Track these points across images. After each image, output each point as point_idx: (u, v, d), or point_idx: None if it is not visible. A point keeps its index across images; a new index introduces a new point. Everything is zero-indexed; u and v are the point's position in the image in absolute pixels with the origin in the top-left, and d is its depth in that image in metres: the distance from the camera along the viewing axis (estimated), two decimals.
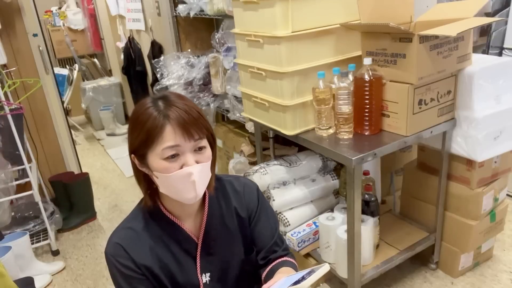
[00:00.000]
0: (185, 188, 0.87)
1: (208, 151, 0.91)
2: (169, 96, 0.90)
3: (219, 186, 1.05)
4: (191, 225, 1.00)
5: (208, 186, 0.96)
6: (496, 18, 2.38)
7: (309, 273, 0.83)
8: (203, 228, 0.99)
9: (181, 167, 0.86)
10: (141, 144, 0.86)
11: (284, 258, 1.08)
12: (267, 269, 1.06)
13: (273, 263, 1.07)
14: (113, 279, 0.99)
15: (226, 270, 1.02)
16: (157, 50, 3.61)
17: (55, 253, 2.63)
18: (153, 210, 0.99)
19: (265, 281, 1.00)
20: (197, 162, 0.87)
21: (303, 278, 0.83)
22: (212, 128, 0.92)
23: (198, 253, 0.99)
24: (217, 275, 1.01)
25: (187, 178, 0.86)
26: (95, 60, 5.70)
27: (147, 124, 0.84)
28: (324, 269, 0.83)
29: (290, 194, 2.00)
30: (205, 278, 0.99)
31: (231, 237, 1.04)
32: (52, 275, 2.43)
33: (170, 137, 0.84)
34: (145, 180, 0.95)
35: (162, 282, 0.98)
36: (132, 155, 0.91)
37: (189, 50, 3.18)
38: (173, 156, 0.85)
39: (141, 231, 0.98)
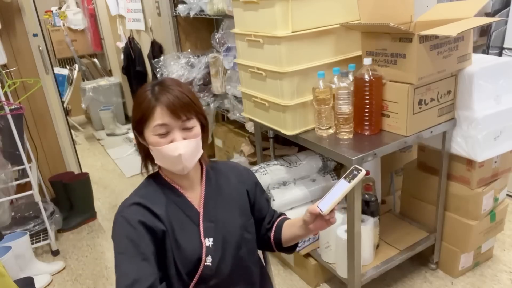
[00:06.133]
0: (173, 160, 1.02)
1: (196, 130, 1.05)
2: (166, 81, 1.05)
3: (216, 165, 1.21)
4: (192, 195, 1.12)
5: (202, 160, 1.14)
6: (496, 18, 2.38)
7: (351, 177, 1.00)
8: (202, 197, 1.12)
9: (171, 142, 1.02)
10: (138, 121, 1.04)
11: (282, 217, 1.26)
12: (273, 229, 1.22)
13: (275, 223, 1.24)
14: (118, 242, 1.02)
15: (227, 236, 1.11)
16: (157, 50, 3.61)
17: (55, 253, 2.64)
18: (159, 180, 1.12)
19: (275, 239, 1.21)
20: (184, 139, 1.02)
21: (349, 182, 0.99)
22: (203, 110, 1.08)
23: (201, 220, 1.09)
24: (219, 241, 1.09)
25: (174, 152, 1.01)
26: (95, 60, 5.70)
27: (142, 105, 1.02)
28: (361, 168, 1.00)
29: (290, 194, 2.00)
30: (208, 241, 1.08)
31: (230, 206, 1.15)
32: (52, 275, 2.43)
33: (159, 116, 1.00)
34: (144, 153, 1.13)
35: (165, 246, 1.04)
36: (134, 131, 1.08)
37: (189, 50, 3.18)
38: (164, 134, 1.01)
39: (154, 194, 1.09)
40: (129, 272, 0.96)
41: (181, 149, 1.01)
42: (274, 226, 1.23)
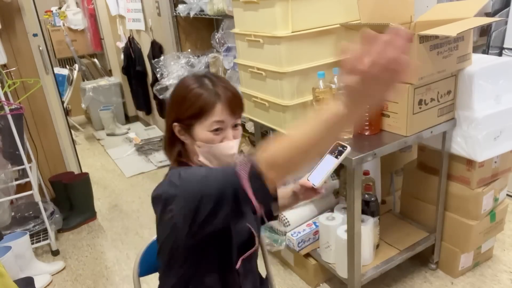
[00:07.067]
0: (225, 159, 0.99)
1: (240, 129, 1.04)
2: (211, 76, 1.02)
3: None
4: None
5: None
6: (496, 18, 2.38)
7: (337, 153, 1.03)
8: None
9: (221, 141, 0.99)
10: (191, 117, 0.98)
11: None
12: None
13: None
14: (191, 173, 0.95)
15: (253, 225, 1.12)
16: (157, 50, 3.61)
17: (55, 253, 2.63)
18: None
19: (266, 212, 1.19)
20: (234, 138, 1.01)
21: (336, 157, 1.02)
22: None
23: None
24: (252, 227, 1.11)
25: (229, 150, 0.99)
26: (95, 60, 5.70)
27: (199, 100, 0.96)
28: (348, 148, 1.02)
29: None
30: (249, 225, 1.10)
31: None
32: (52, 275, 2.43)
33: (218, 112, 0.96)
34: (178, 147, 1.06)
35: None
36: (175, 124, 1.01)
37: (189, 50, 3.18)
38: (217, 130, 0.98)
39: None
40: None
41: (235, 148, 1.00)
42: None
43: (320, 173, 1.04)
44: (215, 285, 1.04)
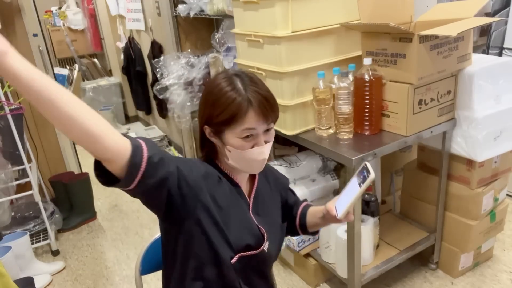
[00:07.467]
0: (254, 164, 1.01)
1: (273, 131, 1.03)
2: (242, 76, 0.99)
3: None
4: (243, 188, 1.11)
5: None
6: (496, 18, 2.38)
7: (361, 179, 0.97)
8: (254, 189, 1.11)
9: (253, 146, 0.98)
10: (222, 123, 0.96)
11: (305, 203, 1.27)
12: (298, 215, 1.24)
13: (300, 210, 1.25)
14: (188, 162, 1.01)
15: (270, 231, 1.11)
16: (157, 50, 3.61)
17: (55, 253, 2.63)
18: (215, 166, 1.07)
19: (301, 225, 1.23)
20: (265, 142, 1.00)
21: (359, 185, 0.97)
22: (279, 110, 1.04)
23: (250, 210, 1.09)
24: (268, 233, 1.10)
25: (259, 156, 0.99)
26: (95, 60, 5.70)
27: (231, 106, 0.94)
28: (370, 169, 0.96)
29: None
30: (263, 229, 1.08)
31: (272, 205, 1.17)
32: (52, 275, 2.43)
33: (251, 120, 0.95)
34: (209, 148, 1.07)
35: (218, 222, 1.00)
36: (205, 126, 1.01)
37: (189, 50, 3.18)
38: (248, 136, 0.97)
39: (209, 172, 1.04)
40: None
41: (266, 154, 1.00)
42: (299, 213, 1.24)
43: (345, 201, 1.02)
44: (212, 276, 1.04)
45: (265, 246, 1.08)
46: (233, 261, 1.02)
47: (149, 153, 0.85)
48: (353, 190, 0.99)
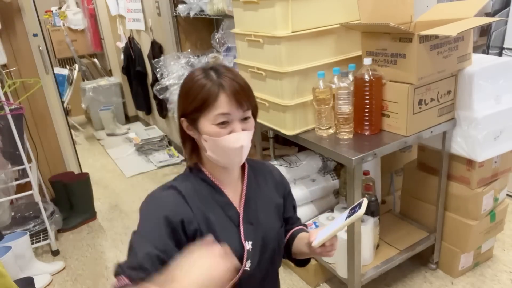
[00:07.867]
0: (233, 153, 0.95)
1: (252, 121, 1.00)
2: (221, 66, 0.97)
3: (253, 164, 1.13)
4: (231, 193, 1.04)
5: (248, 155, 1.04)
6: (496, 18, 2.38)
7: (352, 213, 0.93)
8: (243, 196, 1.04)
9: (229, 133, 0.94)
10: (195, 110, 0.94)
11: (300, 227, 1.18)
12: (288, 236, 1.16)
13: (291, 231, 1.17)
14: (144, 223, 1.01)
15: (265, 240, 1.04)
16: (157, 50, 3.61)
17: (55, 253, 2.64)
18: (201, 175, 1.03)
19: (286, 247, 1.15)
20: (243, 130, 0.96)
21: (345, 219, 0.92)
22: (256, 100, 1.01)
23: (241, 220, 1.02)
24: (258, 244, 1.04)
25: (236, 143, 0.94)
26: (95, 60, 5.70)
27: (202, 91, 0.92)
28: (363, 206, 0.91)
29: None
30: (248, 245, 1.01)
31: (268, 209, 1.09)
32: (52, 275, 2.43)
33: (223, 104, 0.92)
34: (190, 143, 1.03)
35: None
36: (182, 118, 0.99)
37: (189, 50, 3.18)
38: (223, 123, 0.93)
39: (190, 191, 0.99)
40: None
41: (243, 140, 0.95)
42: (289, 234, 1.17)
43: (327, 230, 0.97)
44: None
45: (247, 265, 1.00)
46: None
47: (129, 275, 0.87)
48: (338, 223, 0.95)
